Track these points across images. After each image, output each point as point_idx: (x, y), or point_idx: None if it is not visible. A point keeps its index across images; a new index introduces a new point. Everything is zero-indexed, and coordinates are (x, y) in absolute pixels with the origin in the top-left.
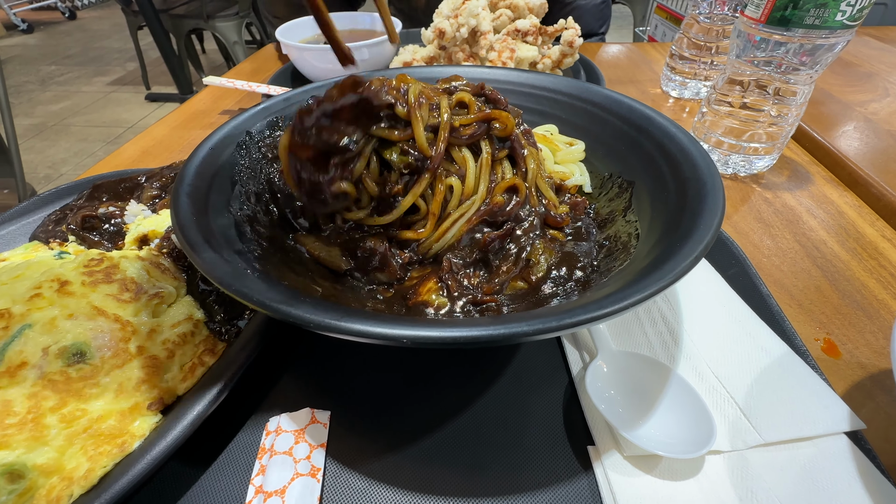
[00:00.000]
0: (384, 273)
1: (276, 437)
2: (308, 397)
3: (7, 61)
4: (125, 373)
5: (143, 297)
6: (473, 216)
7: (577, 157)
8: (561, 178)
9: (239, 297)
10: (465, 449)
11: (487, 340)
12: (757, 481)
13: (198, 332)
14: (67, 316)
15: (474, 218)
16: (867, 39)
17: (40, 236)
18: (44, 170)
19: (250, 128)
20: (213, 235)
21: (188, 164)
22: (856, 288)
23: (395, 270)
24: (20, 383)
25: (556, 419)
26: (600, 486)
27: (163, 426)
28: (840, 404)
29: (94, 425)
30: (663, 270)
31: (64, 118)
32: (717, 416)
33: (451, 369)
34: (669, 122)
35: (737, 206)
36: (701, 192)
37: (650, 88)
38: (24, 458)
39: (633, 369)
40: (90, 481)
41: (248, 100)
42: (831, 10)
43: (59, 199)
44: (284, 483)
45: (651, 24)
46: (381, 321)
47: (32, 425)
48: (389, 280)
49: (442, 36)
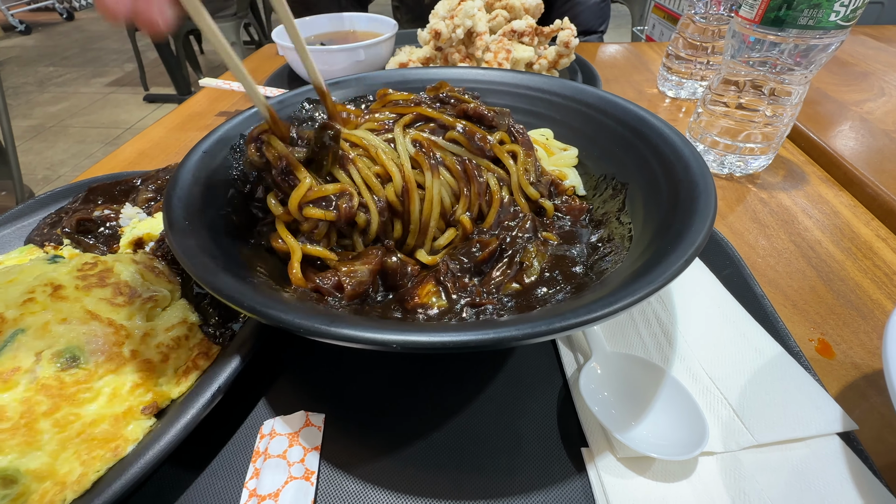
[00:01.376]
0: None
1: (270, 440)
2: (302, 400)
3: (5, 63)
4: (119, 377)
5: (138, 301)
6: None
7: (569, 162)
8: (559, 177)
9: (230, 303)
10: (459, 451)
11: (477, 345)
12: (749, 482)
13: (192, 336)
14: (61, 320)
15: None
16: (864, 39)
17: (35, 239)
18: (42, 171)
19: (244, 130)
20: (206, 240)
21: (181, 168)
22: (850, 288)
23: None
24: (13, 388)
25: (551, 421)
26: (594, 487)
27: (157, 430)
28: (832, 405)
29: (87, 430)
30: (654, 274)
31: (62, 119)
32: (710, 418)
33: (445, 372)
34: (663, 123)
35: (732, 206)
36: (693, 193)
37: (647, 88)
38: (16, 463)
39: (627, 371)
40: (83, 486)
41: (245, 101)
42: (825, 10)
43: (54, 202)
44: (278, 486)
45: (649, 24)
46: (371, 326)
47: (25, 430)
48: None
49: (438, 37)
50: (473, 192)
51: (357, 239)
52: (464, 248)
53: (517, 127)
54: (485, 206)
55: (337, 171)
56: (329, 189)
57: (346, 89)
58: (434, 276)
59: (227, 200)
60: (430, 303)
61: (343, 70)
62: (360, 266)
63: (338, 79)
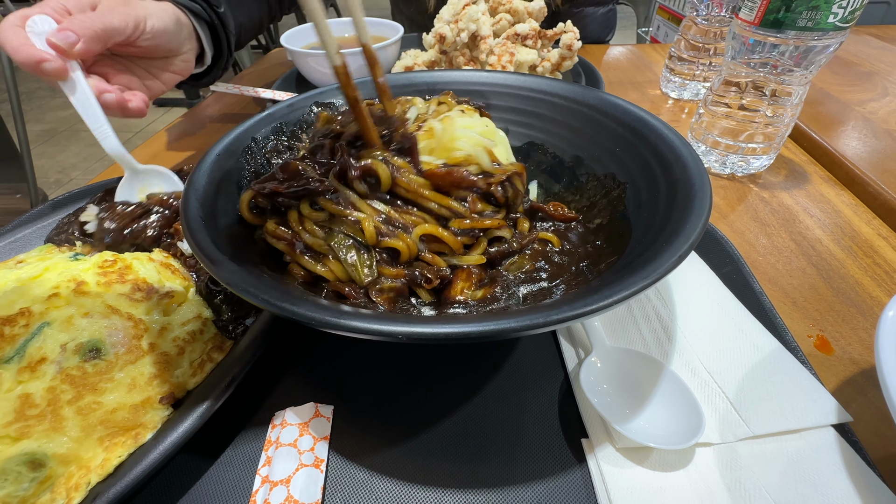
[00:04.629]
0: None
1: (281, 429)
2: (312, 392)
3: (19, 68)
4: (138, 368)
5: (155, 297)
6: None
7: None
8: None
9: (244, 296)
10: (463, 442)
11: (478, 336)
12: (745, 472)
13: (206, 330)
14: (83, 314)
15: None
16: (868, 38)
17: (55, 239)
18: (54, 174)
19: (255, 134)
20: (221, 238)
21: (197, 169)
22: (850, 285)
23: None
24: (40, 378)
25: (552, 413)
26: (593, 476)
27: (174, 419)
28: (827, 398)
29: (108, 417)
30: (648, 269)
31: (73, 124)
32: (707, 410)
33: (450, 365)
34: (663, 124)
35: (734, 205)
36: (689, 193)
37: (650, 90)
38: (44, 448)
39: (627, 365)
40: (106, 470)
41: (255, 105)
42: (823, 12)
43: (72, 203)
44: (289, 473)
45: (653, 25)
46: (378, 319)
47: (52, 417)
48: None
49: (443, 41)
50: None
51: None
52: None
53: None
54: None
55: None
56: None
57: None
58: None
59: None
60: (467, 296)
61: (351, 74)
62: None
63: None
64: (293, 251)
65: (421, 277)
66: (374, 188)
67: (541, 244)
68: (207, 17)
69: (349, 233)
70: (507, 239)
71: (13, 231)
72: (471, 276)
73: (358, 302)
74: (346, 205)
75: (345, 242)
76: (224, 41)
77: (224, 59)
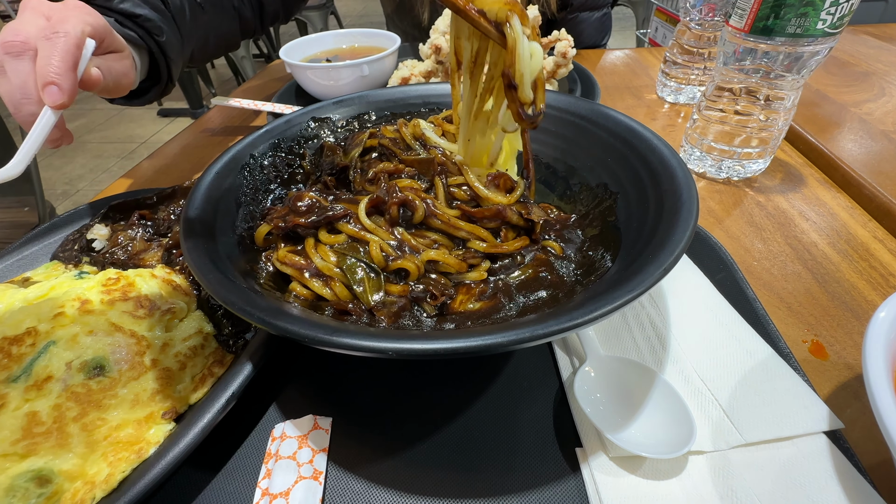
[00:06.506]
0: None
1: (281, 442)
2: (311, 405)
3: None
4: (141, 384)
5: (157, 313)
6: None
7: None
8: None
9: (241, 315)
10: (460, 452)
11: (465, 351)
12: (737, 480)
13: (207, 345)
14: (88, 332)
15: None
16: (865, 38)
17: (60, 256)
18: (61, 186)
19: (254, 150)
20: (219, 257)
21: (196, 189)
22: (845, 289)
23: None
24: (46, 395)
25: (547, 422)
26: (587, 485)
27: (176, 433)
28: (819, 405)
29: (113, 433)
30: (633, 282)
31: (80, 136)
32: (700, 418)
33: (446, 377)
34: (653, 134)
35: (729, 210)
36: (676, 204)
37: (646, 94)
38: (51, 464)
39: (620, 374)
40: (111, 485)
41: (255, 117)
42: (812, 18)
43: (79, 220)
44: (289, 486)
45: (651, 27)
46: (368, 336)
47: (58, 434)
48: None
49: (438, 52)
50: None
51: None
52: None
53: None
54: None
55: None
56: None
57: (349, 107)
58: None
59: (238, 218)
60: (467, 309)
61: (349, 85)
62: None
63: (340, 98)
64: (302, 276)
65: (427, 294)
66: (406, 217)
67: (542, 252)
68: (146, 46)
69: (362, 259)
70: (511, 252)
71: (20, 248)
72: (471, 290)
73: (360, 318)
74: (363, 229)
75: (356, 266)
76: (164, 68)
77: (163, 83)
